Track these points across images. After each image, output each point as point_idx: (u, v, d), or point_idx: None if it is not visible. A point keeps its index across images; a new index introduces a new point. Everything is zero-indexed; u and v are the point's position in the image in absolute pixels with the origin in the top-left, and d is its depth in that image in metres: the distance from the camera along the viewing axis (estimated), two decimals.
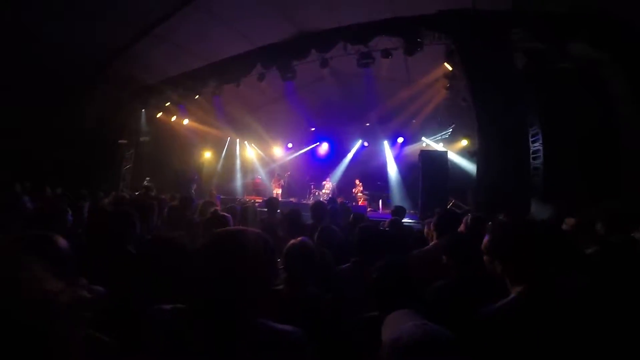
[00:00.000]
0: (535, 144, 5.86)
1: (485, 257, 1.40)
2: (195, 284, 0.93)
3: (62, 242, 1.45)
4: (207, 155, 13.66)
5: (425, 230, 3.46)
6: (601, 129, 5.38)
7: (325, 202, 9.20)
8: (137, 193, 8.22)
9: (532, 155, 5.87)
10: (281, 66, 8.05)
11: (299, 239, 1.94)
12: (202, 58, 8.27)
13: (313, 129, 13.49)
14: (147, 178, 10.53)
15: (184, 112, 10.86)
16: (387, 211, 9.89)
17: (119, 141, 10.02)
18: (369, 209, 10.43)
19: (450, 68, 7.50)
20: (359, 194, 11.59)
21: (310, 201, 9.87)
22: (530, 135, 5.91)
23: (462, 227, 3.05)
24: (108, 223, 2.19)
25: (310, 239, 2.66)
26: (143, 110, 10.27)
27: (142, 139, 10.83)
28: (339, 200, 10.64)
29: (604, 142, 5.33)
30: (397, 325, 0.98)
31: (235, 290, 0.90)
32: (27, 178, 6.43)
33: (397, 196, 11.83)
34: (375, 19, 6.63)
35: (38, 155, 7.64)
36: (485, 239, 1.43)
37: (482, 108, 6.27)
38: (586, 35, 5.24)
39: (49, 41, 6.12)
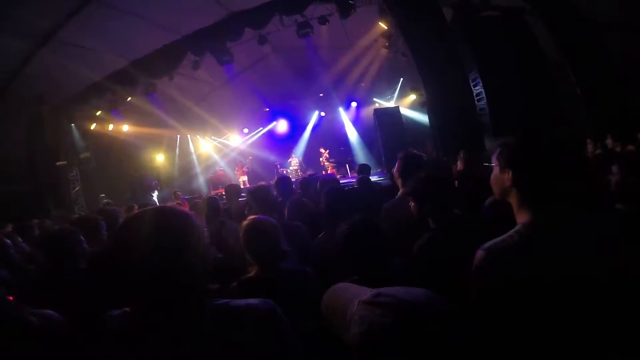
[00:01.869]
0: (476, 87, 6.26)
1: (494, 176, 1.13)
2: (126, 279, 0.83)
3: None
4: (160, 158, 12.88)
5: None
6: (533, 68, 5.89)
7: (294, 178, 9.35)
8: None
9: (476, 98, 6.30)
10: (215, 50, 7.60)
11: (249, 218, 1.75)
12: (123, 57, 7.54)
13: (267, 109, 13.15)
14: (102, 195, 9.81)
15: (119, 118, 9.99)
16: (355, 175, 10.18)
17: (57, 163, 9.09)
18: (338, 175, 10.69)
19: (385, 27, 7.58)
20: (326, 163, 11.78)
21: None
22: (471, 80, 6.30)
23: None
24: (51, 245, 2.13)
25: (280, 215, 2.54)
26: (72, 124, 9.30)
27: (82, 156, 9.89)
28: (308, 173, 10.81)
29: (537, 79, 5.86)
30: (350, 293, 0.78)
31: (164, 270, 0.79)
32: None
33: (361, 158, 12.16)
34: None
35: None
36: (497, 151, 1.15)
37: (421, 61, 6.46)
38: None
39: None
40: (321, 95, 12.43)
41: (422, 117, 9.32)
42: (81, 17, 5.55)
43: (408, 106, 10.31)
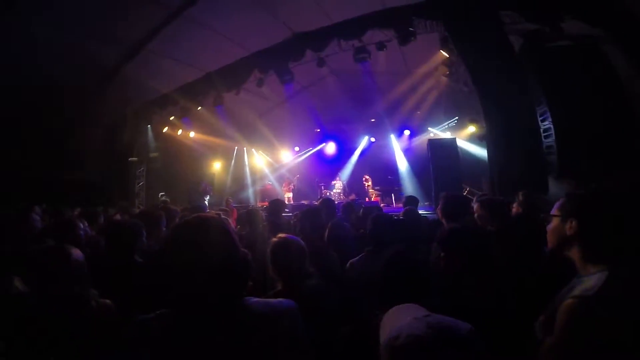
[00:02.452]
0: (544, 123, 5.64)
1: (550, 226, 1.15)
2: (170, 279, 0.91)
3: (76, 253, 1.50)
4: (217, 165, 13.87)
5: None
6: (611, 103, 5.14)
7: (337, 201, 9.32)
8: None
9: (543, 134, 5.66)
10: (278, 69, 8.08)
11: (280, 235, 1.87)
12: (198, 69, 8.39)
13: (318, 130, 13.49)
14: (162, 193, 10.77)
15: (189, 124, 11.05)
16: (401, 205, 9.75)
17: (129, 159, 10.28)
18: (382, 204, 10.32)
19: (446, 55, 7.37)
20: (371, 190, 11.52)
21: None
22: (538, 114, 5.71)
23: (477, 209, 2.89)
24: (115, 234, 2.24)
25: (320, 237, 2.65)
26: (149, 126, 10.49)
27: (151, 155, 11.07)
28: (350, 197, 10.67)
29: (615, 115, 5.09)
30: (396, 322, 0.86)
31: (206, 271, 0.88)
32: (44, 201, 6.68)
33: (409, 189, 11.66)
34: (365, 13, 6.57)
35: (53, 178, 7.92)
36: (560, 200, 1.16)
37: (484, 92, 6.11)
38: (579, 12, 5.05)
39: (51, 51, 6.27)
40: (373, 120, 12.39)
41: (481, 151, 8.67)
42: (168, 30, 6.40)
43: (466, 138, 9.72)
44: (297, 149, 14.16)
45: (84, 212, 5.72)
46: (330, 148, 13.82)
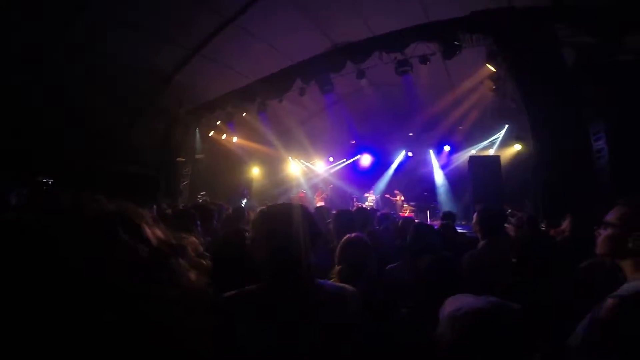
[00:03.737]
0: (598, 143, 5.19)
1: (606, 233, 1.20)
2: (261, 251, 1.07)
3: None
4: (256, 171, 14.42)
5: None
6: None
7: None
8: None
9: (596, 155, 5.22)
10: (319, 80, 8.32)
11: (354, 234, 1.98)
12: (245, 76, 8.87)
13: (354, 141, 13.53)
14: (203, 193, 11.43)
15: (232, 130, 11.69)
16: (435, 222, 9.42)
17: (178, 159, 11.09)
18: (416, 220, 10.02)
19: (493, 69, 7.11)
20: (404, 206, 11.24)
21: None
22: (592, 134, 5.28)
23: (512, 231, 2.80)
24: (173, 222, 2.46)
25: None
26: (197, 129, 11.26)
27: (197, 156, 11.84)
28: (383, 211, 10.49)
29: None
30: (457, 302, 0.94)
31: (297, 249, 1.03)
32: (101, 193, 7.41)
33: (445, 207, 11.18)
34: (408, 25, 6.59)
35: (109, 173, 8.78)
36: (618, 208, 1.21)
37: (534, 108, 5.81)
38: None
39: (114, 62, 7.05)
40: (411, 134, 12.16)
41: (525, 172, 8.14)
42: (221, 37, 6.94)
43: (510, 157, 9.18)
44: (331, 159, 14.29)
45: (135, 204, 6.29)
46: (365, 160, 13.76)
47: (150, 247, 0.43)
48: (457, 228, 6.93)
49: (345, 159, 14.11)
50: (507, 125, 9.51)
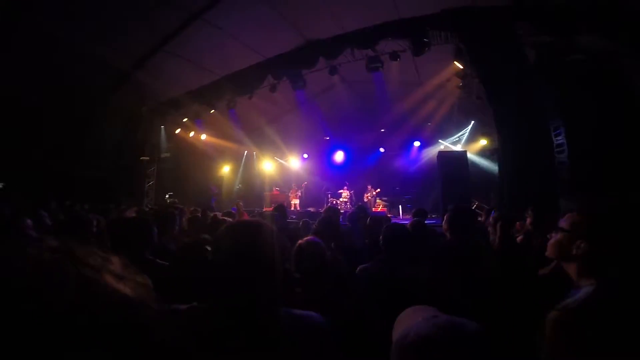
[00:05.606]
0: (558, 138, 5.53)
1: (556, 237, 1.23)
2: (217, 274, 0.94)
3: None
4: (226, 169, 13.98)
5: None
6: (627, 119, 5.00)
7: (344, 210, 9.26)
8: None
9: (556, 149, 5.55)
10: (291, 76, 8.17)
11: (306, 238, 1.86)
12: (214, 72, 8.53)
13: (327, 137, 13.52)
14: (170, 193, 10.89)
15: (201, 127, 11.21)
16: (408, 216, 9.65)
17: (141, 158, 10.45)
18: (389, 215, 10.21)
19: (460, 67, 7.34)
20: (377, 200, 11.41)
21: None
22: (552, 129, 5.60)
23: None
24: (126, 230, 2.23)
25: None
26: (162, 126, 10.68)
27: (163, 155, 11.25)
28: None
29: (632, 132, 4.94)
30: (407, 322, 0.89)
31: (254, 275, 0.91)
32: (56, 195, 6.81)
33: (417, 201, 11.53)
34: (379, 22, 6.62)
35: (67, 174, 8.10)
36: (571, 215, 1.23)
37: (498, 105, 6.06)
38: (595, 26, 4.97)
39: (70, 52, 6.47)
40: (382, 130, 12.37)
41: (491, 166, 8.55)
42: (186, 33, 6.55)
43: (476, 152, 9.60)
44: (305, 156, 14.20)
45: (95, 207, 5.81)
46: (339, 156, 13.81)
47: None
48: (428, 222, 7.19)
49: (319, 156, 14.09)
50: (472, 122, 9.89)
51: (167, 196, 10.66)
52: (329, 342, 0.98)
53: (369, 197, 11.46)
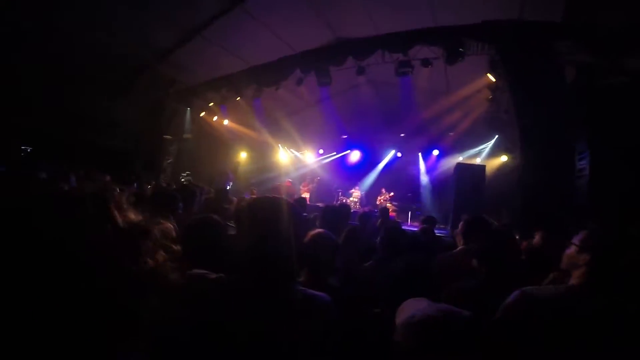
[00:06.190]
0: (581, 162, 5.43)
1: (569, 251, 1.41)
2: (241, 246, 1.06)
3: None
4: (243, 155, 14.22)
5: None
6: None
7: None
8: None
9: (577, 174, 5.45)
10: (319, 72, 8.22)
11: (319, 230, 1.92)
12: (245, 61, 8.65)
13: (345, 136, 13.56)
14: (187, 172, 11.18)
15: (225, 112, 11.43)
16: (416, 223, 9.64)
17: (164, 136, 10.77)
18: (397, 220, 10.22)
19: (493, 79, 7.24)
20: (388, 204, 11.41)
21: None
22: (577, 153, 5.50)
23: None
24: (154, 203, 2.38)
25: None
26: (188, 108, 10.95)
27: (185, 136, 11.54)
28: (366, 208, 10.62)
29: None
30: (411, 308, 1.01)
31: (276, 250, 1.01)
32: (80, 167, 7.13)
33: (427, 209, 11.48)
34: (415, 28, 6.58)
35: (91, 146, 8.44)
36: (583, 233, 1.41)
37: (525, 120, 5.95)
38: None
39: (97, 40, 6.73)
40: (402, 135, 12.31)
41: (506, 183, 8.42)
42: (224, 20, 6.69)
43: (496, 168, 9.46)
44: (321, 151, 14.29)
45: (113, 178, 6.06)
46: (354, 156, 13.84)
47: (117, 227, 0.48)
48: (436, 232, 7.19)
49: (334, 153, 14.14)
50: (497, 136, 9.75)
51: (185, 174, 10.94)
52: (334, 319, 1.07)
53: (382, 201, 11.47)
